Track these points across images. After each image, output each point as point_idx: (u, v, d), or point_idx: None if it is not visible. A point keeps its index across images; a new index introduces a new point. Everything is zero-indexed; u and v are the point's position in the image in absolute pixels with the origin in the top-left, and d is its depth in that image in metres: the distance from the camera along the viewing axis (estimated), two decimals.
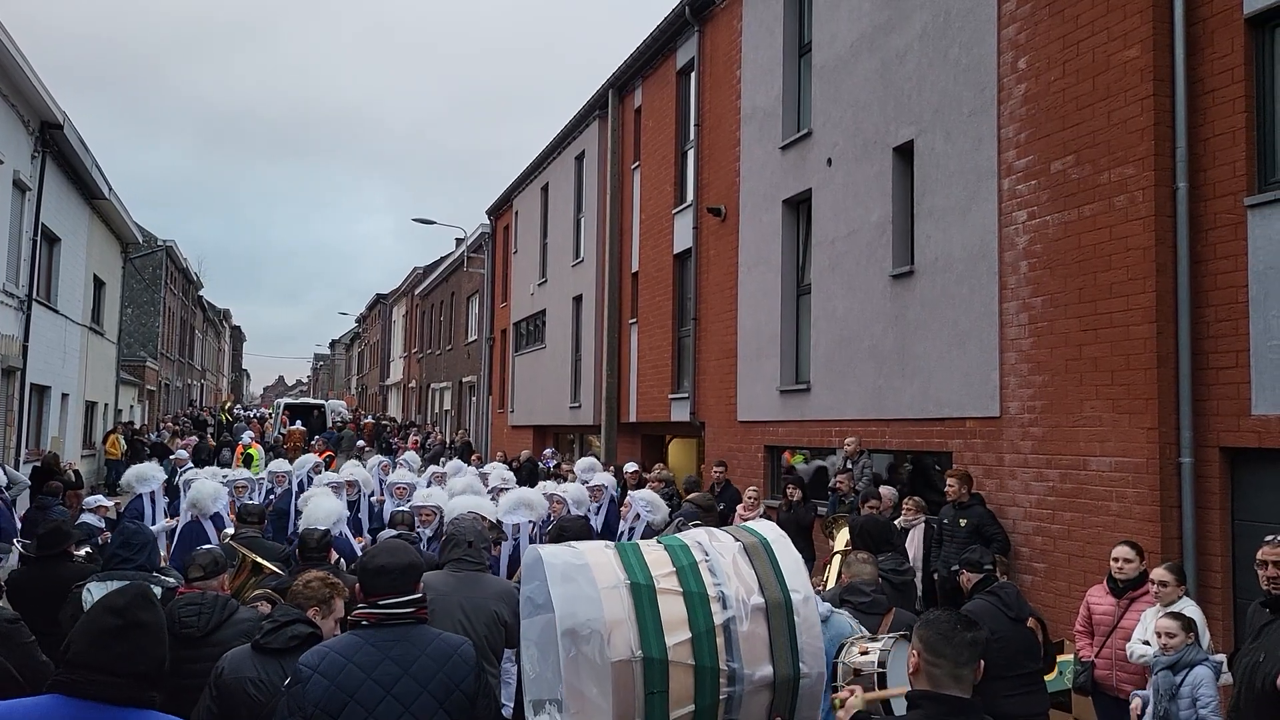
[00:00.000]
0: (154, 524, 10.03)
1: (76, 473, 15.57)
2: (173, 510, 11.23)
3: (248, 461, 19.83)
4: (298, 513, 11.81)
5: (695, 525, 6.00)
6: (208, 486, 10.00)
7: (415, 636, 3.58)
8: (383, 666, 3.46)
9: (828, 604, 4.73)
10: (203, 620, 4.68)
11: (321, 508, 8.68)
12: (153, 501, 10.55)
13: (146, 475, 10.84)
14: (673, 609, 3.08)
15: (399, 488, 11.84)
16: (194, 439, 28.63)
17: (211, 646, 4.49)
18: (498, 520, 9.73)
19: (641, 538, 9.03)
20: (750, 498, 10.84)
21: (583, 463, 13.91)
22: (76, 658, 2.63)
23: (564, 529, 7.01)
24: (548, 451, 21.82)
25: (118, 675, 2.60)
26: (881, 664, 3.69)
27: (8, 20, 14.79)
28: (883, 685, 3.67)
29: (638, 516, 9.88)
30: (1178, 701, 5.61)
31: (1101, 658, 6.65)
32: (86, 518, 10.14)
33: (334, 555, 6.99)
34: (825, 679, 3.31)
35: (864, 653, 3.81)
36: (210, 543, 8.93)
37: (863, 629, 4.71)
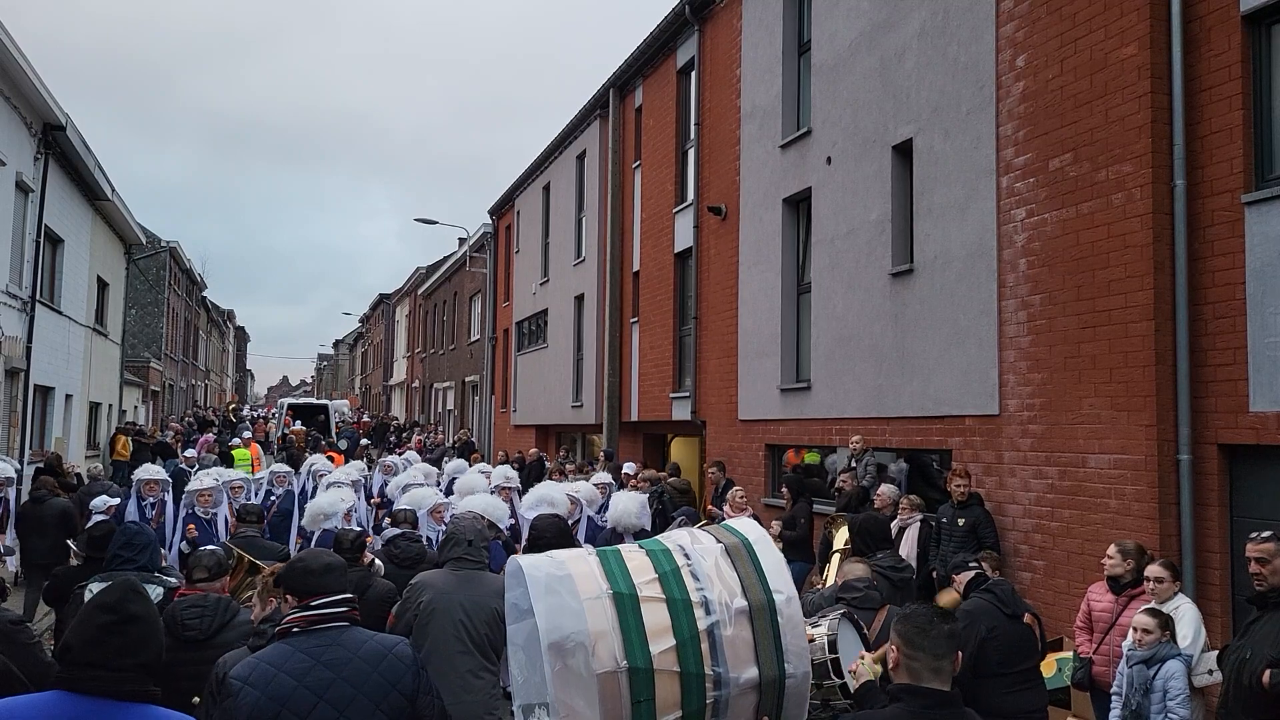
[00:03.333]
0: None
1: (79, 475, 15.59)
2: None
3: (226, 459, 19.99)
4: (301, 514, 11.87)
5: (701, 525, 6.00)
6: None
7: (347, 639, 3.51)
8: (314, 672, 3.38)
9: None
10: (205, 622, 4.68)
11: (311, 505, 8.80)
12: (164, 502, 10.57)
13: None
14: (656, 617, 3.08)
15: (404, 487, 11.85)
16: (210, 436, 28.89)
17: (214, 649, 4.48)
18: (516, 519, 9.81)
19: (612, 539, 9.01)
20: (739, 499, 10.82)
21: (602, 476, 13.68)
22: (77, 656, 2.65)
23: (534, 529, 6.95)
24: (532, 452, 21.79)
25: (118, 670, 2.63)
26: (832, 648, 3.73)
27: (17, 30, 14.83)
28: (836, 669, 3.70)
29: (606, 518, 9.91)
30: (1150, 696, 5.66)
31: (1100, 654, 6.68)
32: (97, 519, 10.15)
33: (368, 557, 6.99)
34: (810, 678, 3.33)
35: (810, 640, 3.83)
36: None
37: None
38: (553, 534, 6.45)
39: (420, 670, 3.58)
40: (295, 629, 3.50)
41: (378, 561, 7.13)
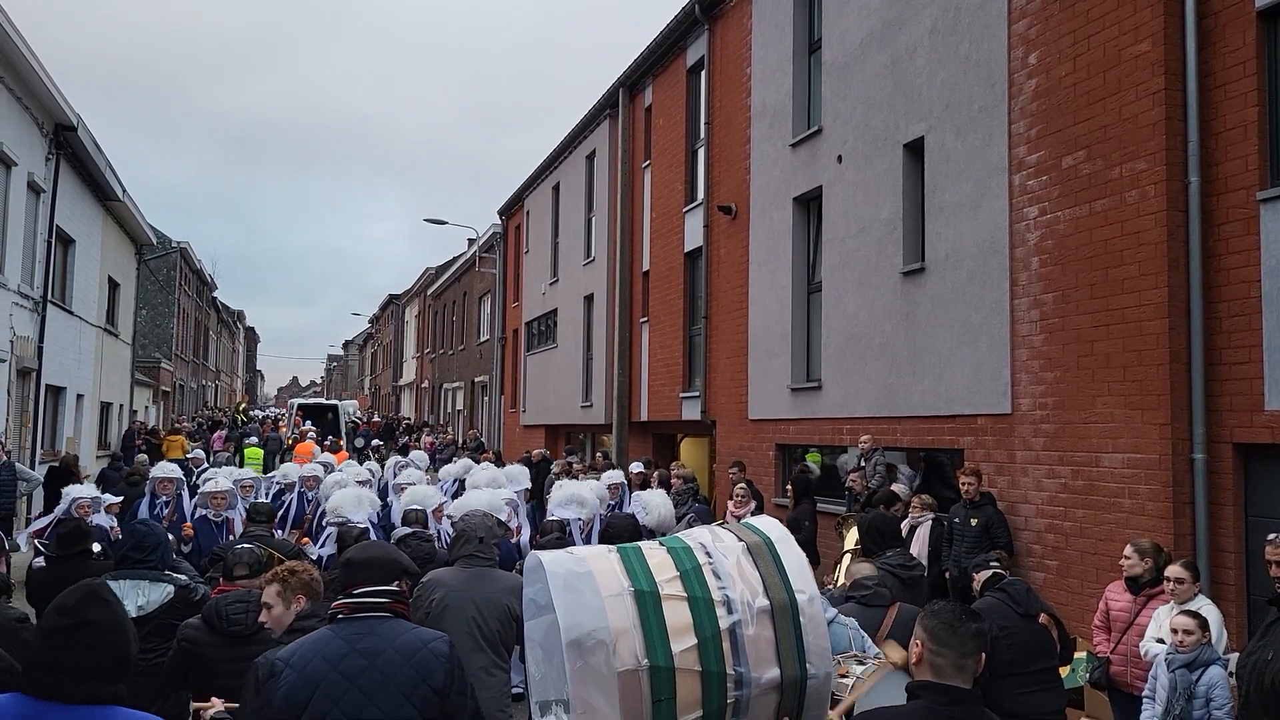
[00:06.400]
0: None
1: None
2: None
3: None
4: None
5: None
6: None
7: (385, 630, 3.57)
8: (349, 659, 3.46)
9: (833, 610, 4.70)
10: (250, 618, 4.70)
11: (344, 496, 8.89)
12: (180, 497, 10.55)
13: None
14: (678, 615, 3.06)
15: (400, 487, 11.83)
16: (222, 433, 29.06)
17: (257, 644, 4.49)
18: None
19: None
20: (739, 495, 10.82)
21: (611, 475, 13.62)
22: (33, 659, 2.64)
23: (610, 526, 7.00)
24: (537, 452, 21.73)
25: (73, 674, 2.60)
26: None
27: (33, 35, 14.87)
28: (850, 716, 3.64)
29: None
30: (1193, 701, 5.58)
31: (1117, 654, 6.64)
32: (99, 519, 10.14)
33: None
34: (833, 678, 3.29)
35: (843, 675, 3.79)
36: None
37: (865, 640, 4.66)
38: (628, 535, 6.46)
39: (456, 669, 3.60)
40: (340, 615, 3.61)
41: None
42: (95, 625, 2.69)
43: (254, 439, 26.84)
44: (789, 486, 11.92)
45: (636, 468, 14.38)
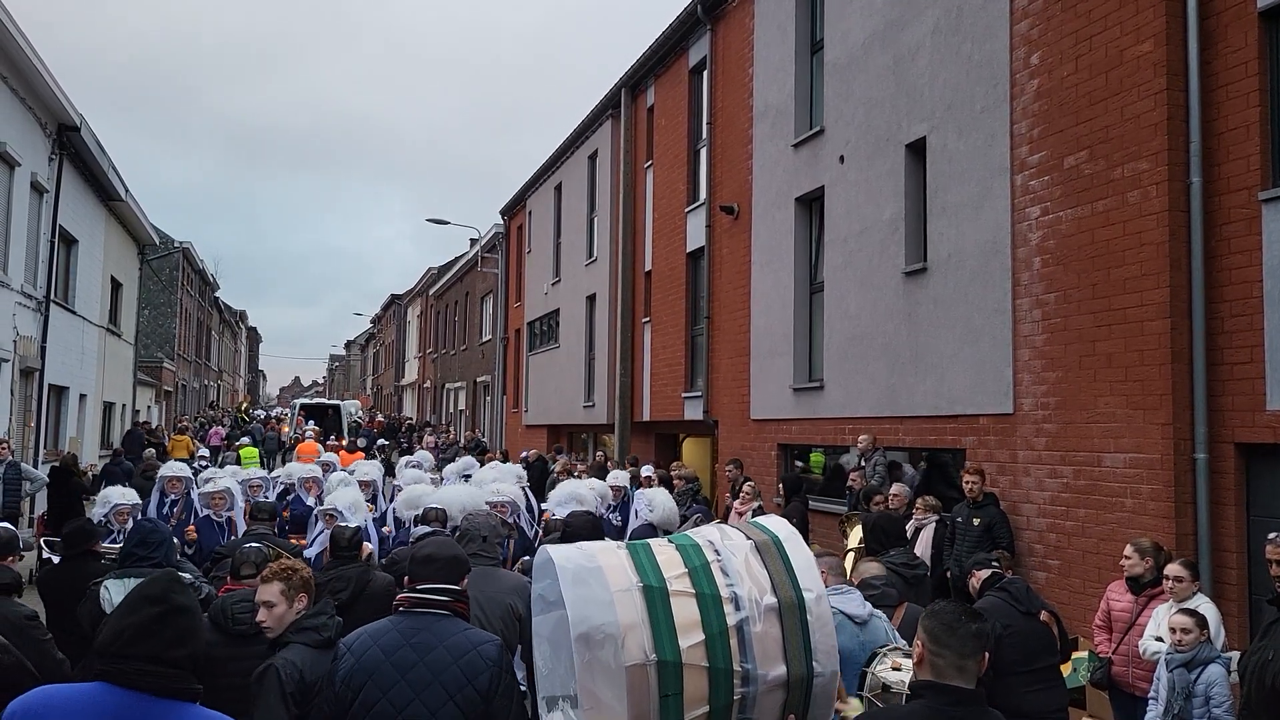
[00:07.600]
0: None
1: (95, 478, 15.61)
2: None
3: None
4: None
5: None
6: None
7: (440, 628, 3.67)
8: (401, 652, 3.59)
9: (869, 605, 4.72)
10: (254, 617, 4.70)
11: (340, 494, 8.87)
12: (188, 499, 10.54)
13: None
14: (686, 611, 3.07)
15: (399, 488, 11.83)
16: (221, 429, 29.12)
17: (261, 644, 4.50)
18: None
19: (638, 535, 9.06)
20: (746, 492, 10.85)
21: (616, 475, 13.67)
22: (123, 649, 2.59)
23: (569, 524, 7.00)
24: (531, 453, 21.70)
25: (164, 664, 2.58)
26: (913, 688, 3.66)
27: (32, 33, 14.88)
28: None
29: (636, 514, 9.92)
30: (1191, 700, 5.58)
31: (1118, 654, 6.65)
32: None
33: (366, 550, 6.99)
34: (839, 677, 3.29)
35: (896, 668, 3.78)
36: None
37: (900, 639, 4.67)
38: (587, 531, 6.47)
39: (504, 673, 3.69)
40: (401, 608, 3.76)
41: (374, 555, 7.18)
42: (187, 610, 2.69)
43: (247, 439, 26.88)
44: (780, 484, 11.96)
45: (647, 471, 14.36)
